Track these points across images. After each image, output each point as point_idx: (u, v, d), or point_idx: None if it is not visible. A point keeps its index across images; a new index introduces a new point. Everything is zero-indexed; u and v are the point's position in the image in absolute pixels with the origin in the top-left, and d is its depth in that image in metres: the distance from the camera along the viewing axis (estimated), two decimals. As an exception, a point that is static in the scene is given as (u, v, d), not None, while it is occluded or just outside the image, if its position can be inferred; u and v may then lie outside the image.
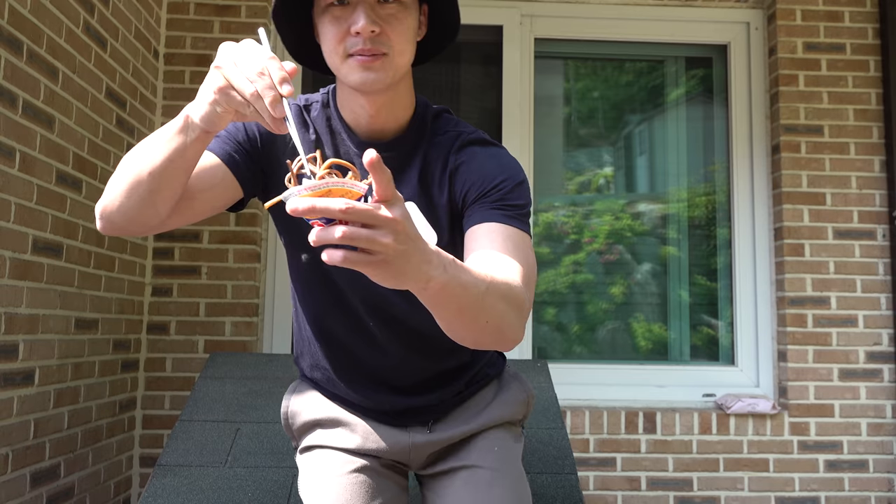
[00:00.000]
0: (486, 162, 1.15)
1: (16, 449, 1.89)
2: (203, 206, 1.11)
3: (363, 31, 1.04)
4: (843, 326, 2.78)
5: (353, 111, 1.16)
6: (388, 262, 0.74)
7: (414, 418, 1.30)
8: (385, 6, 1.07)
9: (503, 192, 1.12)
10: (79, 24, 2.13)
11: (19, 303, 1.87)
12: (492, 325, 0.94)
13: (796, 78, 2.89)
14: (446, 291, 0.83)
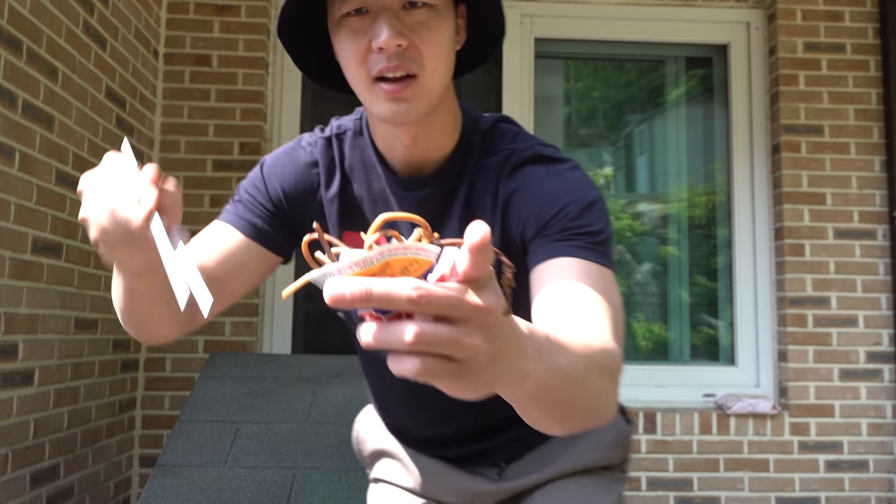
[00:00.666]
0: (543, 185, 0.93)
1: (15, 449, 1.88)
2: (239, 286, 1.01)
3: (387, 47, 0.84)
4: (844, 326, 2.78)
5: (386, 140, 0.97)
6: (472, 371, 0.49)
7: (481, 461, 1.13)
8: (412, 12, 0.86)
9: (568, 218, 0.90)
10: (78, 23, 2.13)
11: (19, 303, 1.87)
12: (589, 410, 0.73)
13: (796, 78, 2.89)
14: (542, 387, 0.60)
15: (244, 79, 2.78)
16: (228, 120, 2.76)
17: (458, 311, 0.47)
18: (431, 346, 0.46)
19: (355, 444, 1.29)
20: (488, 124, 1.00)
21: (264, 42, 2.82)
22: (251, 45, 2.80)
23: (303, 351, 2.88)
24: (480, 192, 0.96)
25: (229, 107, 2.77)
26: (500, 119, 1.02)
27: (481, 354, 0.48)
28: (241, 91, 2.77)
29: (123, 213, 0.73)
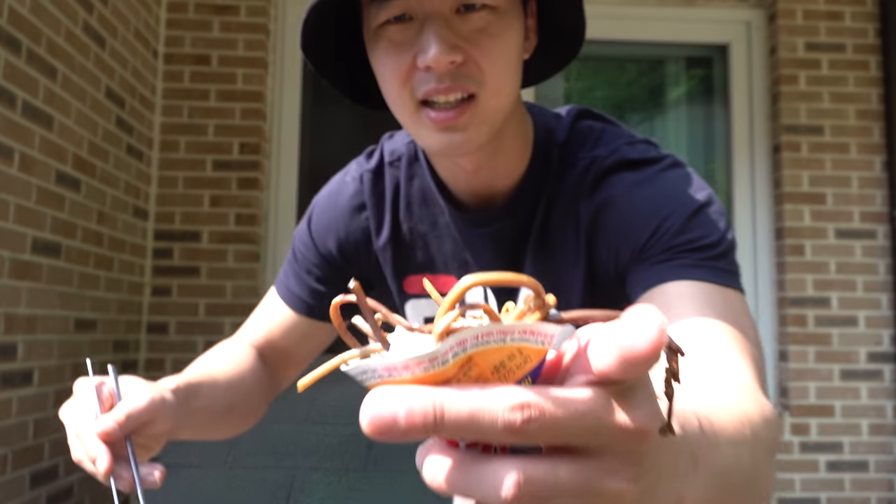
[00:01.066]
0: (633, 198, 0.75)
1: (15, 449, 1.88)
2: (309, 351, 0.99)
3: (437, 65, 0.66)
4: (844, 327, 2.78)
5: (449, 170, 0.81)
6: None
7: None
8: (469, 17, 0.68)
9: (670, 234, 0.72)
10: (78, 23, 2.13)
11: (18, 303, 1.87)
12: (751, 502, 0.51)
13: (797, 78, 2.88)
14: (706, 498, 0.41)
15: (244, 79, 2.78)
16: (228, 120, 2.76)
17: (592, 438, 0.29)
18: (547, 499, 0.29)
19: None
20: (565, 130, 0.81)
21: (264, 42, 2.82)
22: (251, 45, 2.80)
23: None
24: (558, 220, 0.79)
25: (229, 107, 2.76)
26: (578, 115, 0.84)
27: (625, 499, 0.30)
28: (240, 91, 2.77)
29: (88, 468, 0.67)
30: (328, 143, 2.96)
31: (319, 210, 0.94)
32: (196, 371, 0.85)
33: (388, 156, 0.89)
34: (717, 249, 0.71)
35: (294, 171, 2.88)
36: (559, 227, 0.79)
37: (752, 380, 0.60)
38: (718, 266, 0.70)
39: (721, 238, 0.72)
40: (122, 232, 2.47)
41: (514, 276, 0.30)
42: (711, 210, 0.74)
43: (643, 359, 0.27)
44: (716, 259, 0.70)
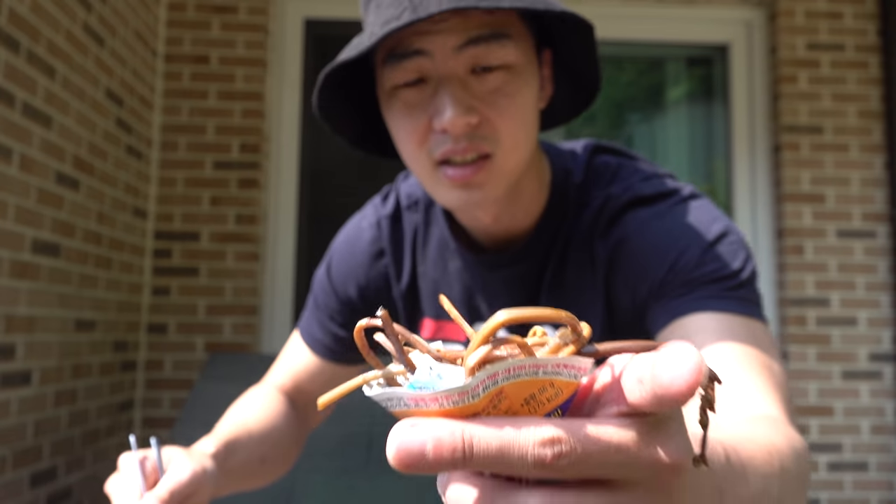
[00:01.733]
0: (648, 234, 0.74)
1: (14, 450, 1.88)
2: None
3: (452, 128, 0.66)
4: (845, 327, 2.78)
5: (466, 218, 0.80)
6: None
7: None
8: (485, 78, 0.68)
9: (688, 268, 0.71)
10: (77, 23, 2.13)
11: (17, 303, 1.87)
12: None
13: (797, 77, 2.88)
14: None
15: (244, 78, 2.78)
16: (228, 120, 2.75)
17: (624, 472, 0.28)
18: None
19: None
20: (582, 170, 0.81)
21: (264, 42, 2.82)
22: (250, 45, 2.79)
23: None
24: (574, 259, 0.78)
25: (229, 107, 2.76)
26: (594, 152, 0.83)
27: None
28: (240, 91, 2.77)
29: None
30: (328, 144, 2.95)
31: (339, 258, 0.94)
32: (230, 426, 0.86)
33: (405, 199, 0.89)
34: (736, 279, 0.70)
35: (294, 171, 2.88)
36: (575, 267, 0.79)
37: (779, 411, 0.59)
38: (739, 296, 0.69)
39: (741, 268, 0.71)
40: (122, 232, 2.47)
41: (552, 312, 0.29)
42: (729, 240, 0.73)
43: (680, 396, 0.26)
44: (735, 289, 0.70)
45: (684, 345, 0.27)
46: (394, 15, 0.63)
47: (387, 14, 0.64)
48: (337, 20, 3.02)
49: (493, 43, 0.66)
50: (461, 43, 0.66)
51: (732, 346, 0.63)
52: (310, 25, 3.00)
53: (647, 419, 0.29)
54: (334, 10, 3.00)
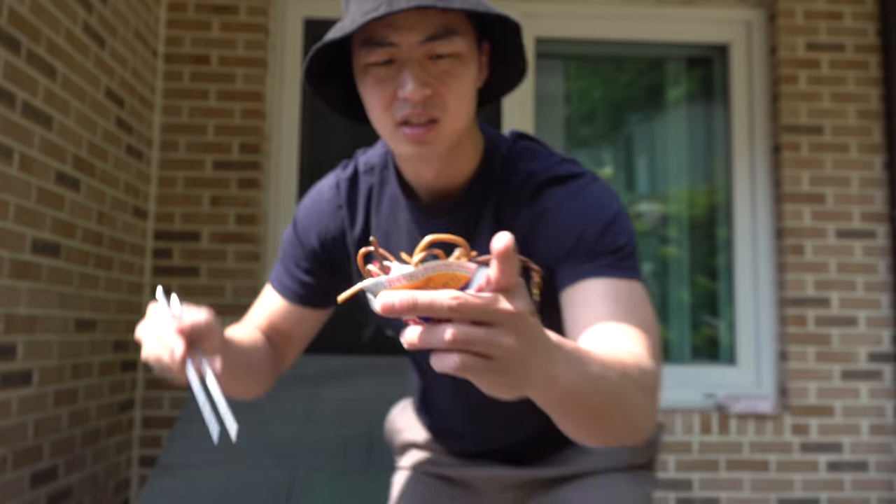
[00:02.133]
0: (563, 210, 0.95)
1: (15, 450, 1.88)
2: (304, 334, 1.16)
3: (412, 97, 0.87)
4: (845, 327, 2.78)
5: (414, 172, 1.00)
6: (508, 368, 0.56)
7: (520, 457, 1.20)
8: (438, 62, 0.89)
9: (591, 241, 0.92)
10: (77, 23, 2.13)
11: (18, 303, 1.87)
12: (625, 422, 0.75)
13: (797, 77, 2.88)
14: (572, 392, 0.65)
15: (244, 79, 2.78)
16: (228, 120, 2.76)
17: (491, 316, 0.54)
18: (468, 344, 0.54)
19: (388, 432, 1.37)
20: (507, 145, 1.03)
21: (264, 42, 2.82)
22: (251, 45, 2.79)
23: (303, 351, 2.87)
24: (505, 215, 0.99)
25: (229, 106, 2.76)
26: (518, 136, 1.06)
27: (512, 353, 0.55)
28: (240, 91, 2.77)
29: (166, 361, 0.83)
30: (328, 143, 2.96)
31: (303, 215, 1.13)
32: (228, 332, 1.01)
33: (363, 166, 1.09)
34: (625, 251, 0.93)
35: (294, 171, 2.88)
36: (505, 222, 0.99)
37: (641, 345, 0.84)
38: (625, 264, 0.92)
39: (628, 241, 0.94)
40: (122, 232, 2.47)
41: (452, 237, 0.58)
42: (621, 219, 0.95)
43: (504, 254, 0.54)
44: (624, 259, 0.93)
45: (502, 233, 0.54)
46: (372, 7, 0.84)
47: (366, 6, 0.85)
48: (337, 20, 3.01)
49: (445, 38, 0.88)
50: (422, 39, 0.87)
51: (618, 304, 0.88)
52: (310, 25, 3.00)
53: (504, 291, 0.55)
54: (334, 11, 3.00)
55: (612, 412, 0.72)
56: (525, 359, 0.57)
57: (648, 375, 0.78)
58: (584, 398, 0.67)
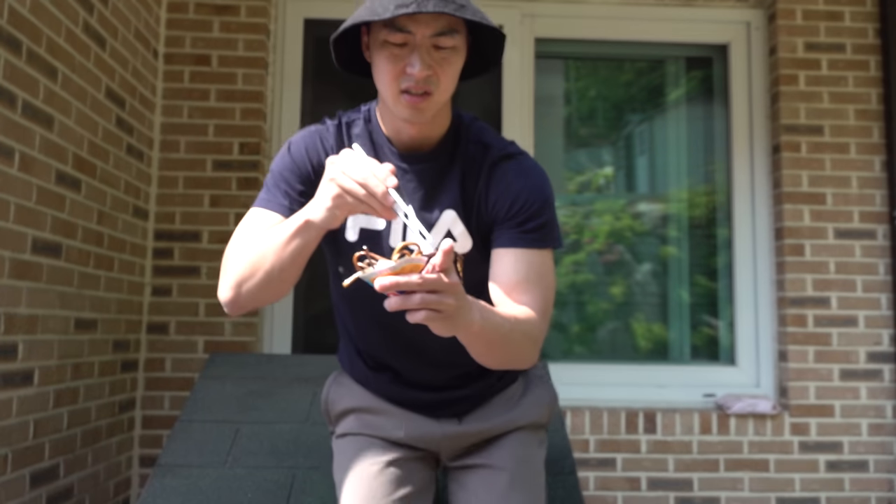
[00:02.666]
0: (514, 182, 1.25)
1: (15, 449, 1.88)
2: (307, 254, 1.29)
3: (418, 75, 1.14)
4: (844, 327, 2.78)
5: (394, 128, 1.27)
6: (450, 316, 0.96)
7: (446, 410, 1.38)
8: (439, 51, 1.16)
9: (528, 213, 1.24)
10: (78, 23, 2.13)
11: (18, 303, 1.87)
12: (512, 355, 1.18)
13: (797, 78, 2.89)
14: (481, 332, 1.06)
15: (244, 79, 2.78)
16: (228, 120, 2.76)
17: (440, 286, 0.93)
18: (427, 304, 0.93)
19: (324, 404, 1.48)
20: (468, 118, 1.32)
21: (264, 42, 2.82)
22: (251, 45, 2.80)
23: (303, 351, 2.88)
24: (469, 172, 1.27)
25: (229, 107, 2.77)
26: (473, 117, 1.34)
27: (452, 308, 0.95)
28: (240, 91, 2.77)
29: (372, 185, 1.03)
30: (328, 143, 2.96)
31: (297, 143, 1.30)
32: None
33: (347, 119, 1.32)
34: (548, 227, 1.25)
35: (294, 171, 2.88)
36: (469, 178, 1.27)
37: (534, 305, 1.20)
38: (546, 236, 1.25)
39: (552, 218, 1.27)
40: (123, 232, 2.47)
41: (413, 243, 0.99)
42: (551, 200, 1.27)
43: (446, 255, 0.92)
44: (547, 232, 1.25)
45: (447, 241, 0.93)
46: (404, 2, 1.09)
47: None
48: (337, 20, 3.01)
49: (448, 35, 1.15)
50: (432, 33, 1.14)
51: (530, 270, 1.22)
52: (310, 25, 3.01)
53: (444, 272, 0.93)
54: (334, 11, 3.00)
55: (504, 347, 1.14)
56: (458, 310, 0.97)
57: (534, 327, 1.18)
58: (487, 335, 1.08)
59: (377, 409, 1.39)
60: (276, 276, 1.17)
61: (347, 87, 3.03)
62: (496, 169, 1.26)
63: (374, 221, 1.27)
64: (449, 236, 1.25)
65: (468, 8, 1.13)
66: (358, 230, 1.28)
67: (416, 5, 1.08)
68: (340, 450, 1.39)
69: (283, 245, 1.14)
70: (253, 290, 1.22)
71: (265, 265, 1.17)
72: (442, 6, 1.09)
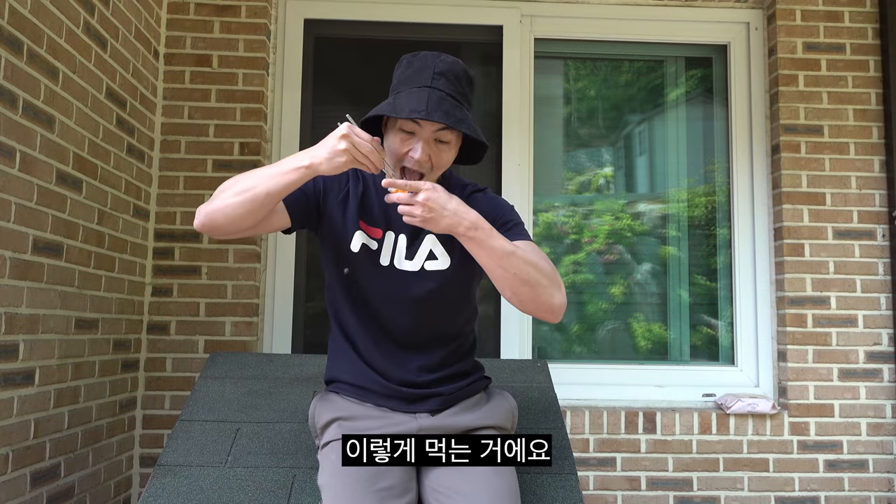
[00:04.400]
0: (486, 205, 1.58)
1: (16, 449, 1.89)
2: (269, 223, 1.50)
3: (418, 159, 1.46)
4: (843, 326, 2.79)
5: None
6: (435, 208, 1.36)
7: (422, 404, 1.56)
8: (438, 144, 1.48)
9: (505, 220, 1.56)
10: (79, 24, 2.13)
11: (19, 303, 1.88)
12: (520, 278, 1.41)
13: (796, 78, 2.89)
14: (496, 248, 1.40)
15: (244, 79, 2.79)
16: (228, 120, 2.76)
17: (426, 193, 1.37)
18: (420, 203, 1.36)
19: (311, 419, 1.61)
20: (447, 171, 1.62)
21: (264, 42, 2.83)
22: (251, 46, 2.80)
23: (303, 351, 2.88)
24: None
25: (229, 107, 2.77)
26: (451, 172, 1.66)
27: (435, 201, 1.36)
28: (241, 91, 2.78)
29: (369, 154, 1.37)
30: (328, 144, 2.96)
31: None
32: None
33: None
34: (521, 225, 1.58)
35: (294, 171, 2.89)
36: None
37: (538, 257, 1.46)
38: (524, 232, 1.55)
39: (521, 221, 1.60)
40: (123, 232, 2.47)
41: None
42: (512, 208, 1.63)
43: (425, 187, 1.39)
44: (522, 229, 1.57)
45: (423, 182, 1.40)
46: (419, 107, 1.41)
47: (414, 102, 1.42)
48: (337, 20, 3.02)
49: (447, 131, 1.48)
50: (434, 130, 1.47)
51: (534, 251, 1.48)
52: (310, 25, 3.01)
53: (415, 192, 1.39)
54: (334, 11, 3.01)
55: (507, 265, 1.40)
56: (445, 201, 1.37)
57: (540, 263, 1.44)
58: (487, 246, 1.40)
59: (359, 415, 1.54)
60: (260, 201, 1.39)
61: (347, 87, 3.04)
62: (473, 198, 1.59)
63: (370, 241, 1.56)
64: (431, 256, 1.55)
65: (465, 121, 1.44)
66: (360, 245, 1.55)
67: (426, 113, 1.39)
68: (325, 457, 1.50)
69: (279, 175, 1.38)
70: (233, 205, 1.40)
71: (256, 189, 1.38)
72: (445, 118, 1.41)
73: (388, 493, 1.39)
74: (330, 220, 1.56)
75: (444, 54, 1.49)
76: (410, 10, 3.01)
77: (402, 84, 1.47)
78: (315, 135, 2.96)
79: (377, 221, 1.57)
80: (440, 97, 1.42)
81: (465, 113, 1.46)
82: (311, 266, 2.91)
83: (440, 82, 1.44)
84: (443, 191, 1.38)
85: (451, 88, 1.45)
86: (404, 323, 1.56)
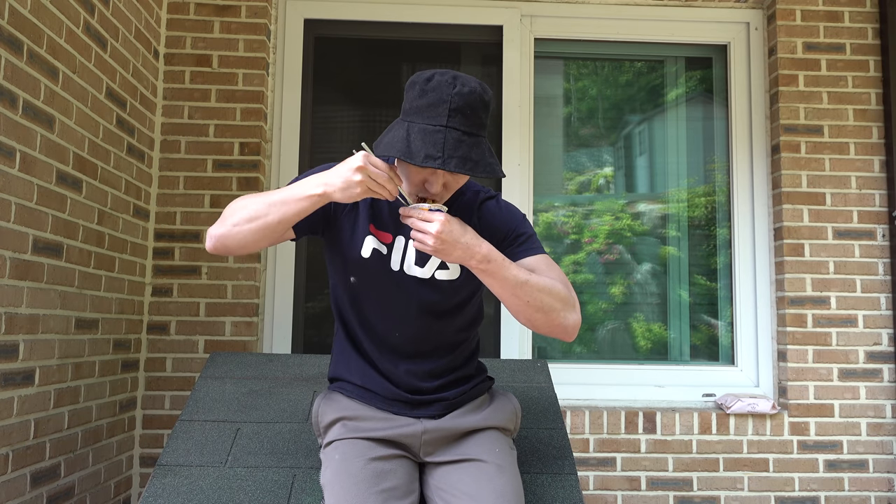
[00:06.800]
0: (499, 216, 1.58)
1: (16, 449, 1.89)
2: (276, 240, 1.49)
3: (433, 191, 1.44)
4: (843, 326, 2.79)
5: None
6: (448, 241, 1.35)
7: (426, 410, 1.56)
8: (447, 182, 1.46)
9: (516, 232, 1.56)
10: (79, 24, 2.13)
11: (20, 303, 1.88)
12: (533, 306, 1.43)
13: (796, 78, 2.89)
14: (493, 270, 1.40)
15: (244, 79, 2.79)
16: (229, 120, 2.76)
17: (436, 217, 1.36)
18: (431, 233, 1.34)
19: (314, 418, 1.62)
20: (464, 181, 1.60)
21: (264, 42, 2.83)
22: (251, 46, 2.80)
23: (303, 351, 2.88)
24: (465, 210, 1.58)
25: (229, 107, 2.77)
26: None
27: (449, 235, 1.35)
28: (241, 91, 2.78)
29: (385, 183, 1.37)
30: (328, 143, 2.96)
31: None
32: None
33: None
34: (534, 237, 1.58)
35: (294, 171, 2.89)
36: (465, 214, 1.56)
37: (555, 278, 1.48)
38: (537, 245, 1.56)
39: (533, 231, 1.59)
40: (123, 232, 2.47)
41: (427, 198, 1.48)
42: (526, 219, 1.61)
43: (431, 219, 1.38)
44: (535, 241, 1.57)
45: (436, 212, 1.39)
46: (435, 153, 1.35)
47: (430, 146, 1.35)
48: (337, 20, 3.02)
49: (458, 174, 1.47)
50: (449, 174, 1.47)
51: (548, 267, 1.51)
52: (310, 25, 3.01)
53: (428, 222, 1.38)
54: (334, 11, 3.01)
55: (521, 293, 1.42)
56: (459, 234, 1.36)
57: (559, 287, 1.46)
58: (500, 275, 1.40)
59: (363, 415, 1.54)
60: (272, 228, 1.40)
61: (347, 87, 3.04)
62: (484, 206, 1.59)
63: (381, 245, 1.54)
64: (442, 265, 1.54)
65: (481, 162, 1.38)
66: (371, 249, 1.54)
67: (441, 161, 1.34)
68: (328, 456, 1.50)
69: (292, 201, 1.38)
70: (244, 232, 1.41)
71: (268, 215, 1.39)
72: (461, 166, 1.35)
73: (391, 494, 1.39)
74: (339, 229, 1.55)
75: (460, 78, 1.41)
76: (410, 10, 3.01)
77: (416, 115, 1.38)
78: (315, 135, 2.96)
79: (387, 226, 1.55)
80: (456, 139, 1.35)
81: (482, 149, 1.39)
82: (311, 266, 2.91)
83: (456, 120, 1.36)
84: (458, 223, 1.38)
85: (467, 125, 1.37)
86: (410, 331, 1.55)
